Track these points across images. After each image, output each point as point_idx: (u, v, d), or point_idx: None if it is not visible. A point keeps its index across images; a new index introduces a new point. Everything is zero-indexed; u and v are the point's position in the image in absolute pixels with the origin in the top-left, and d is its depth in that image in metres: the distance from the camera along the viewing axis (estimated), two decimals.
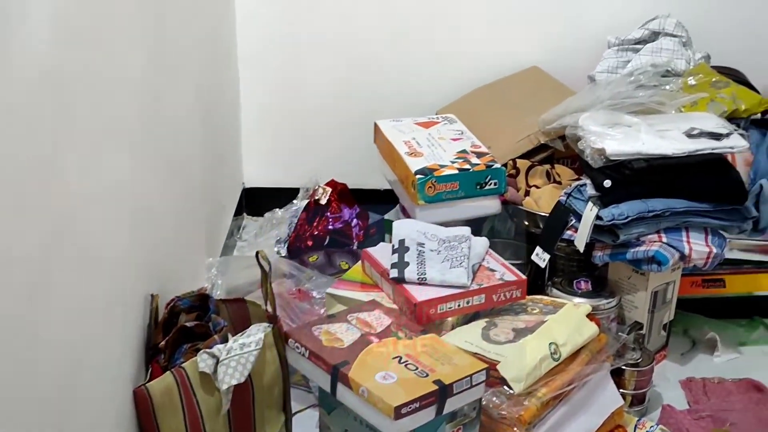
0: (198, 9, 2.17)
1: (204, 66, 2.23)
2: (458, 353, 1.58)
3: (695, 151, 1.94)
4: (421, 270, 1.76)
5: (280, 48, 2.63)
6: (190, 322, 1.56)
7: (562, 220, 2.05)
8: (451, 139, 2.26)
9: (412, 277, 1.75)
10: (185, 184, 1.96)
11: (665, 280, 2.03)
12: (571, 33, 2.61)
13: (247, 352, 1.49)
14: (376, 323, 1.64)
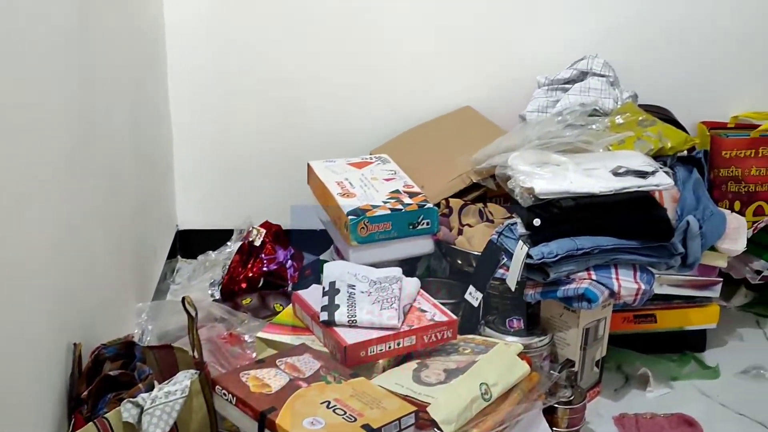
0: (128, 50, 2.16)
1: (134, 110, 2.22)
2: (388, 396, 1.58)
3: (621, 189, 1.97)
4: (351, 312, 1.75)
5: (212, 90, 2.62)
6: (115, 371, 1.53)
7: (494, 258, 2.06)
8: (384, 180, 2.27)
9: (342, 320, 1.75)
10: (113, 228, 1.94)
11: (596, 316, 2.05)
12: (503, 73, 2.64)
13: (173, 400, 1.46)
14: (305, 368, 1.63)
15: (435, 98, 2.64)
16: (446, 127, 2.58)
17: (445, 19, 2.60)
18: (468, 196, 2.34)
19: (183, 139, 2.65)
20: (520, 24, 2.61)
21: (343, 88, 2.64)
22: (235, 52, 2.60)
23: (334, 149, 2.51)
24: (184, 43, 2.57)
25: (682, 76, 2.66)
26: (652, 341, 2.27)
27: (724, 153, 2.57)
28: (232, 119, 2.65)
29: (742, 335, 2.41)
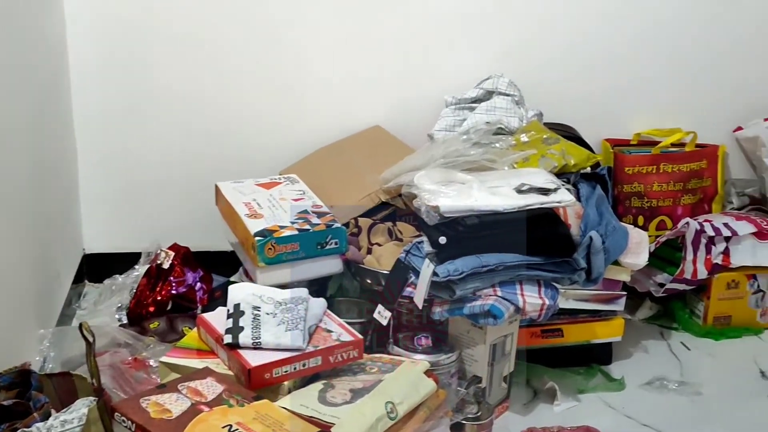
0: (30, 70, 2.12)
1: (36, 133, 2.18)
2: (291, 419, 1.57)
3: (525, 207, 2.00)
4: (255, 334, 1.74)
5: (119, 111, 2.59)
6: (8, 401, 1.49)
7: (402, 277, 2.07)
8: (292, 200, 2.27)
9: (247, 342, 1.73)
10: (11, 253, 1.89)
11: (503, 332, 2.08)
12: (412, 93, 2.67)
13: (69, 428, 1.43)
14: (207, 391, 1.61)
15: (345, 118, 2.65)
16: (356, 146, 2.59)
17: (354, 39, 2.62)
18: (377, 215, 2.35)
19: (89, 161, 2.61)
20: (429, 44, 2.64)
21: (252, 108, 2.63)
22: (143, 71, 2.57)
23: (243, 170, 2.50)
24: (90, 63, 2.53)
25: (587, 95, 2.73)
26: (560, 355, 2.31)
27: (627, 169, 2.64)
28: (139, 140, 2.62)
29: (646, 347, 2.46)
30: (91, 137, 2.59)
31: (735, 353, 2.46)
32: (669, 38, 2.71)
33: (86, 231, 2.67)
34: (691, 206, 2.68)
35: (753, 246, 2.52)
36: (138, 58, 2.56)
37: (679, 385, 2.27)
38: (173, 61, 2.57)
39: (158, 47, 2.55)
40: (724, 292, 2.52)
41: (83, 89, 2.55)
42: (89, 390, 1.58)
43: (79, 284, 2.59)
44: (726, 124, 2.79)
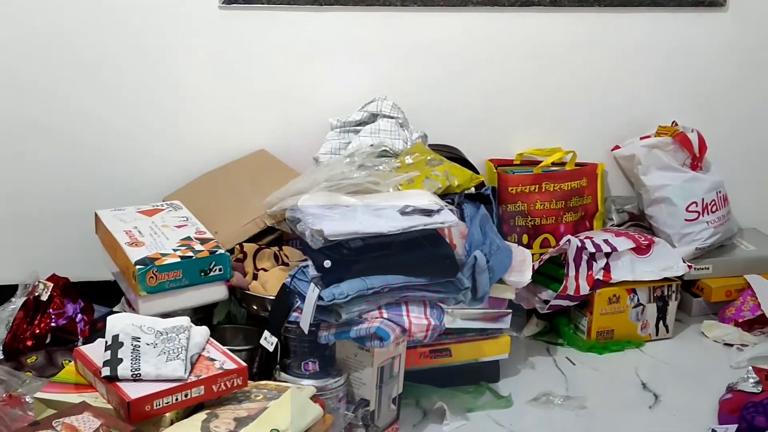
0: None
1: None
2: None
3: (409, 228, 2.01)
4: (135, 366, 1.70)
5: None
6: None
7: (288, 302, 2.06)
8: (175, 227, 2.23)
9: (126, 374, 1.69)
10: None
11: (391, 354, 2.08)
12: (297, 116, 2.67)
13: None
14: (83, 427, 1.56)
15: (229, 142, 2.63)
16: (241, 171, 2.57)
17: (240, 63, 2.60)
18: (263, 240, 2.33)
19: None
20: (313, 67, 2.65)
21: (133, 133, 2.58)
22: (19, 97, 2.49)
23: (125, 197, 2.46)
24: None
25: (470, 116, 2.78)
26: (448, 374, 2.32)
27: (511, 189, 2.69)
28: (13, 169, 2.54)
29: (533, 364, 2.50)
30: None
31: (618, 366, 2.52)
32: (549, 60, 2.79)
33: None
34: (573, 224, 2.74)
35: (632, 261, 2.59)
36: (12, 86, 2.49)
37: (565, 400, 2.31)
38: (48, 88, 2.50)
39: (32, 75, 2.49)
40: (606, 306, 2.58)
41: None
42: None
43: None
44: (604, 143, 2.88)
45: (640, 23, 2.80)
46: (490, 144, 2.81)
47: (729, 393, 2.27)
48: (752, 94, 2.95)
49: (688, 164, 2.78)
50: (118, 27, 2.49)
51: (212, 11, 2.53)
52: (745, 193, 2.98)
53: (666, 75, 2.87)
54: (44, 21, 2.46)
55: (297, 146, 2.63)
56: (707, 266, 2.76)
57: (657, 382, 2.42)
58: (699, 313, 2.78)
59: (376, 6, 2.62)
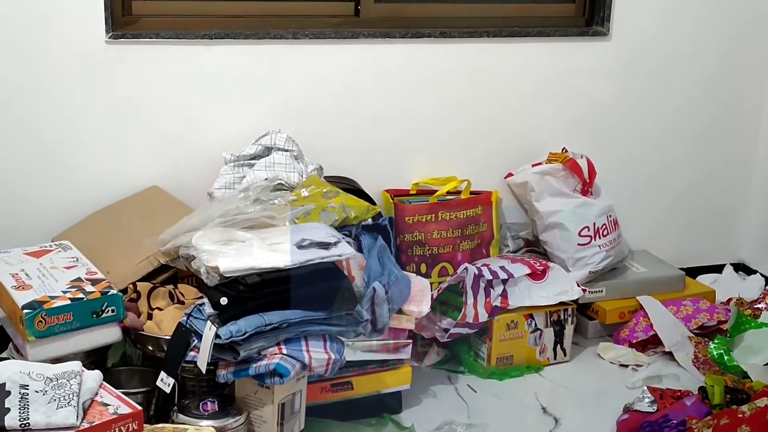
0: None
1: None
2: None
3: (306, 262, 2.00)
4: (23, 415, 1.64)
5: None
6: None
7: (184, 341, 2.02)
8: (64, 268, 2.17)
9: (14, 424, 1.63)
10: None
11: (291, 390, 2.06)
12: (189, 151, 2.63)
13: None
14: None
15: (120, 179, 2.57)
16: (133, 208, 2.51)
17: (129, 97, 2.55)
18: (158, 278, 2.28)
19: None
20: (205, 101, 2.61)
21: (19, 168, 2.49)
22: None
23: (10, 238, 2.38)
24: None
25: (365, 147, 2.79)
26: (351, 408, 2.31)
27: (408, 219, 2.70)
28: None
29: (435, 393, 2.51)
30: None
31: (518, 391, 2.55)
32: (441, 91, 2.82)
33: None
34: (470, 251, 2.77)
35: (528, 287, 2.63)
36: None
37: (467, 428, 2.32)
38: None
39: None
40: (505, 332, 2.61)
41: None
42: None
43: None
44: (498, 171, 2.92)
45: (528, 52, 2.87)
46: (386, 174, 2.83)
47: (626, 413, 2.32)
48: (639, 119, 3.05)
49: (579, 190, 2.85)
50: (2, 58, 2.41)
51: (99, 44, 2.47)
52: (635, 216, 3.07)
53: (555, 102, 2.94)
54: None
55: (190, 181, 2.59)
56: (601, 289, 2.82)
57: (556, 405, 2.46)
58: (595, 336, 2.84)
59: (267, 39, 2.61)
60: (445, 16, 2.82)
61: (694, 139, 3.14)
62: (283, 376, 1.93)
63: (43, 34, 2.43)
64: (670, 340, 2.70)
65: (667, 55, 3.01)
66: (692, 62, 3.06)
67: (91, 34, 2.47)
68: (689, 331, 2.74)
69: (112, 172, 2.58)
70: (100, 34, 2.47)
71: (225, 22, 2.61)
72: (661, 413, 2.24)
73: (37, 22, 2.41)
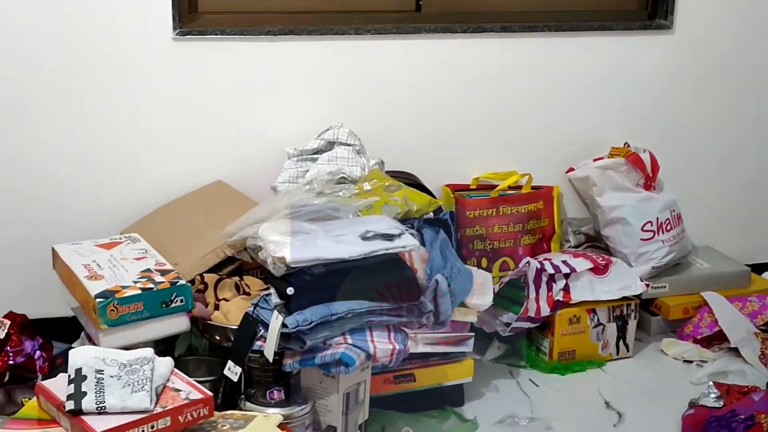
0: None
1: None
2: None
3: (370, 253, 2.01)
4: (99, 398, 1.68)
5: None
6: None
7: (251, 331, 2.04)
8: (134, 259, 2.21)
9: (90, 407, 1.67)
10: None
11: (356, 380, 2.07)
12: (253, 146, 2.66)
13: None
14: None
15: (187, 174, 2.61)
16: (198, 202, 2.55)
17: (195, 94, 2.59)
18: (224, 270, 2.32)
19: None
20: (269, 97, 2.65)
21: (90, 166, 2.55)
22: None
23: (81, 231, 2.43)
24: None
25: (425, 143, 2.79)
26: (413, 400, 2.32)
27: (468, 213, 2.70)
28: None
29: (497, 386, 2.51)
30: None
31: (580, 386, 2.54)
32: (501, 85, 2.82)
33: None
34: (531, 246, 2.77)
35: (591, 282, 2.62)
36: None
37: (530, 422, 2.32)
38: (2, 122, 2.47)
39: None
40: (567, 327, 2.60)
41: None
42: None
43: None
44: (559, 166, 2.91)
45: (590, 47, 2.85)
46: (446, 169, 2.83)
47: (691, 408, 2.29)
48: (701, 113, 3.01)
49: (642, 184, 2.83)
50: (73, 57, 2.47)
51: (166, 41, 2.52)
52: (699, 211, 3.04)
53: (617, 97, 2.92)
54: None
55: (254, 176, 2.63)
56: (664, 285, 2.80)
57: (620, 400, 2.44)
58: (658, 332, 2.82)
59: (331, 35, 2.64)
60: (506, 11, 2.82)
61: (758, 133, 3.09)
62: (349, 366, 1.95)
63: (111, 32, 2.48)
64: (736, 336, 2.67)
65: (730, 48, 2.98)
66: (756, 55, 3.01)
67: (159, 32, 2.51)
68: (755, 327, 2.71)
69: (178, 167, 2.62)
70: (167, 31, 2.51)
71: (288, 18, 2.64)
72: (728, 408, 2.21)
73: (105, 21, 2.47)
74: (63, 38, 2.46)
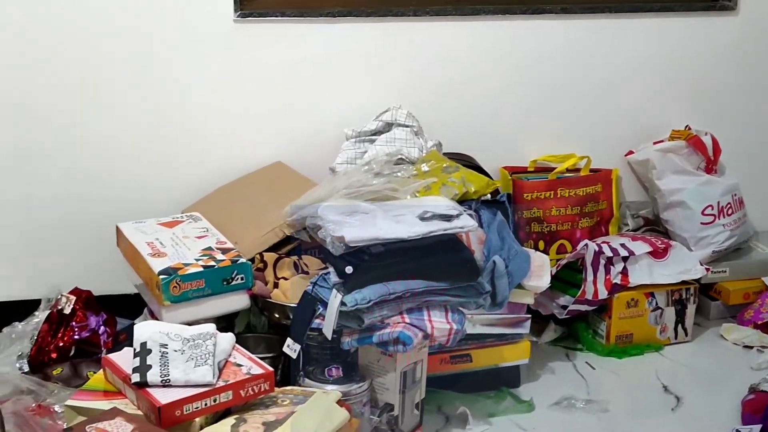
0: None
1: None
2: None
3: (429, 233, 2.02)
4: (164, 372, 1.71)
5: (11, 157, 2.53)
6: None
7: (310, 309, 2.06)
8: (195, 237, 2.25)
9: (155, 380, 1.71)
10: None
11: (413, 359, 2.09)
12: (312, 128, 2.68)
13: None
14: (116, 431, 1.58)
15: (245, 155, 2.65)
16: (258, 182, 2.58)
17: (254, 75, 2.62)
18: (282, 249, 2.34)
19: None
20: (328, 79, 2.67)
21: (152, 147, 2.60)
22: (37, 115, 2.52)
23: (143, 210, 2.47)
24: None
25: (483, 125, 2.79)
26: (469, 380, 2.32)
27: (526, 195, 2.70)
28: (34, 184, 2.56)
29: (553, 369, 2.51)
30: None
31: (638, 370, 2.52)
32: (560, 67, 2.80)
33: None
34: (589, 229, 2.75)
35: (649, 265, 2.60)
36: (31, 102, 2.51)
37: (587, 404, 2.31)
38: (68, 103, 2.53)
39: (51, 90, 2.51)
40: (625, 311, 2.59)
41: None
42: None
43: None
44: (618, 149, 2.89)
45: (651, 28, 2.82)
46: (503, 151, 2.83)
47: (752, 394, 2.27)
48: (764, 96, 2.96)
49: (703, 168, 2.79)
50: (137, 41, 2.52)
51: (227, 24, 2.55)
52: (761, 196, 2.99)
53: (678, 79, 2.88)
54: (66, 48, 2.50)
55: (312, 157, 2.65)
56: (724, 269, 2.76)
57: (678, 384, 2.43)
58: (717, 317, 2.79)
59: (389, 17, 2.65)
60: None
61: None
62: (406, 344, 1.96)
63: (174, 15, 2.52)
64: None
65: None
66: None
67: (220, 14, 2.55)
68: None
69: (238, 148, 2.66)
70: (228, 13, 2.55)
71: (347, 0, 2.65)
72: None
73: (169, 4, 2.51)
74: (127, 22, 2.51)
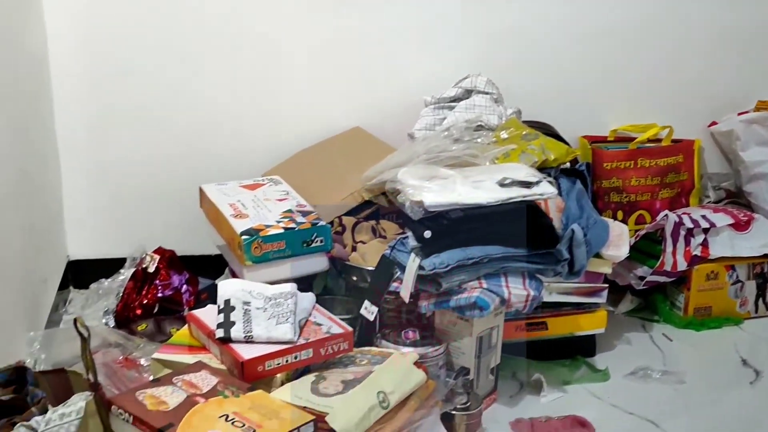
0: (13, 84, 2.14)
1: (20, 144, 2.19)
2: (286, 408, 1.58)
3: (508, 200, 2.02)
4: (247, 328, 1.76)
5: (99, 120, 2.60)
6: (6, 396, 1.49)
7: (388, 272, 2.09)
8: (276, 200, 2.29)
9: (239, 336, 1.75)
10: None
11: (489, 324, 2.10)
12: (390, 94, 2.70)
13: (68, 422, 1.44)
14: (202, 384, 1.62)
15: (325, 120, 2.67)
16: (337, 147, 2.61)
17: (334, 42, 2.65)
18: (361, 213, 2.37)
19: (72, 169, 2.62)
20: (407, 46, 2.68)
21: (233, 112, 2.65)
22: (123, 78, 2.58)
23: (225, 173, 2.52)
24: (71, 74, 2.54)
25: (563, 93, 2.77)
26: (544, 348, 2.33)
27: (605, 165, 2.67)
28: (121, 146, 2.63)
29: (629, 339, 2.50)
30: (74, 145, 2.60)
31: (716, 343, 2.50)
32: (643, 36, 2.76)
33: (70, 238, 2.67)
34: (669, 200, 2.72)
35: (731, 237, 2.56)
36: (118, 67, 2.57)
37: (663, 375, 2.30)
38: (154, 68, 2.58)
39: (138, 56, 2.57)
40: (704, 283, 2.56)
41: (65, 99, 2.56)
42: (84, 386, 1.59)
43: (65, 290, 2.59)
44: (701, 119, 2.84)
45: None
46: (583, 121, 2.80)
47: None
48: None
49: None
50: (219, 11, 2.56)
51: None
52: None
53: (764, 49, 2.82)
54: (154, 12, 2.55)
55: (391, 123, 2.67)
56: None
57: (757, 358, 2.40)
58: None
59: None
60: None
61: None
62: (483, 309, 1.97)
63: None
64: None
65: None
66: None
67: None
68: None
69: (318, 113, 2.69)
70: None
71: None
72: None
73: None
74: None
